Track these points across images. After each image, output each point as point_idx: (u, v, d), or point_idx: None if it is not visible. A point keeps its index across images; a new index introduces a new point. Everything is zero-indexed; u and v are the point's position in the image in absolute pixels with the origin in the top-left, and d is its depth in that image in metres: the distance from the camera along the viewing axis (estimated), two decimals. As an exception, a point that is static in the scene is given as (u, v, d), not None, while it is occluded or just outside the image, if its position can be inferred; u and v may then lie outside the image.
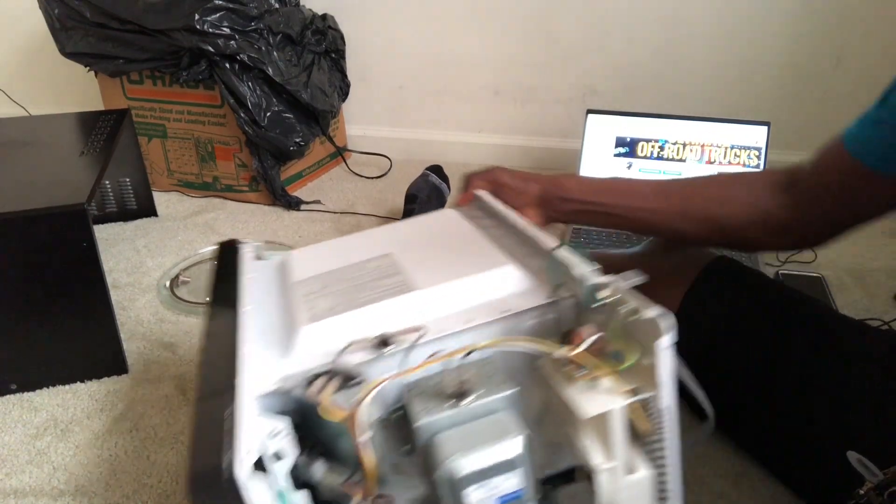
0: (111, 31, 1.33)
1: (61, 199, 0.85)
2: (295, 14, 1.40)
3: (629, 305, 0.41)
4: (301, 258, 0.63)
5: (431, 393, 0.42)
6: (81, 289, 0.88)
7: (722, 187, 0.76)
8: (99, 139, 1.12)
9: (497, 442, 0.38)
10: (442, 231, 0.64)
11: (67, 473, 0.79)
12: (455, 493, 0.38)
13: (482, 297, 0.49)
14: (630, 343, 0.41)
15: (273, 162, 1.41)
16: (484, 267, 0.52)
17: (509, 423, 0.40)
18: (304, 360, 0.45)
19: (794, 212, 0.72)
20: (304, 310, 0.50)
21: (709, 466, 0.78)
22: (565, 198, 0.78)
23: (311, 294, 0.54)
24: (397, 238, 0.64)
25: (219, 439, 0.36)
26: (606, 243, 1.21)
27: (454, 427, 0.40)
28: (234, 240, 0.64)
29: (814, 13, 1.39)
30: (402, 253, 0.59)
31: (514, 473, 0.39)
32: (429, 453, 0.40)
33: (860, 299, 1.09)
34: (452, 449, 0.38)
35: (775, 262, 1.19)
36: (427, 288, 0.50)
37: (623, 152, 1.29)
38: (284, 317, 0.52)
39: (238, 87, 1.31)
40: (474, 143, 1.67)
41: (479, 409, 0.40)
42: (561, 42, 1.53)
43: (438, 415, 0.40)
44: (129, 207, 1.40)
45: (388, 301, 0.49)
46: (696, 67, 1.47)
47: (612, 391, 0.40)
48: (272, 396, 0.42)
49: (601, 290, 0.42)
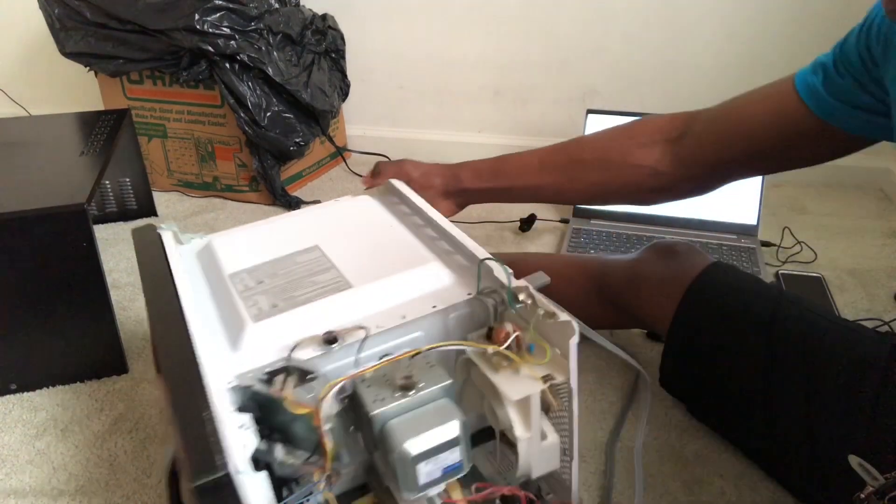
0: (111, 31, 1.33)
1: (61, 199, 0.85)
2: (295, 14, 1.40)
3: (546, 308, 0.50)
4: (224, 245, 0.65)
5: (380, 385, 0.48)
6: (81, 289, 0.88)
7: (603, 150, 0.83)
8: (99, 139, 1.12)
9: (441, 425, 0.46)
10: (364, 221, 0.70)
11: (67, 473, 0.79)
12: (409, 468, 0.45)
13: (411, 293, 0.56)
14: (541, 339, 0.51)
15: (273, 162, 1.41)
16: (411, 264, 0.59)
17: (449, 409, 0.48)
18: (254, 356, 0.50)
19: (679, 166, 0.77)
20: (247, 307, 0.55)
21: (709, 466, 0.78)
22: (464, 189, 0.90)
23: (249, 290, 0.58)
24: (320, 227, 0.68)
25: (206, 440, 0.40)
26: (606, 243, 1.21)
27: (403, 414, 0.47)
28: (151, 224, 0.66)
29: (814, 13, 1.39)
30: (328, 245, 0.64)
31: (455, 449, 0.47)
32: (384, 438, 0.46)
33: (860, 299, 1.09)
34: (406, 434, 0.45)
35: (775, 261, 1.19)
36: (361, 286, 0.57)
37: (623, 152, 1.29)
38: (228, 312, 0.56)
39: (238, 87, 1.31)
40: (474, 143, 1.67)
41: (423, 398, 0.48)
42: (561, 42, 1.53)
43: (390, 405, 0.47)
44: (129, 207, 1.40)
45: (326, 299, 0.55)
46: (696, 67, 1.47)
47: (531, 378, 0.49)
48: (233, 392, 0.46)
49: (521, 294, 0.52)
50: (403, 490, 0.47)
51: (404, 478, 0.46)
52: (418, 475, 0.46)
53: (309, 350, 0.49)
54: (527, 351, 0.50)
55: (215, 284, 0.60)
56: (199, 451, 0.39)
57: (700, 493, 0.75)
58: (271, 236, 0.67)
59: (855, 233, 1.31)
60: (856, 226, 1.34)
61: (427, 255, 0.61)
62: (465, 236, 0.63)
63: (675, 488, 0.75)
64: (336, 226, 0.69)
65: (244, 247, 0.65)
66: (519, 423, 0.50)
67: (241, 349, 0.51)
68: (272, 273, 0.60)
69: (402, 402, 0.47)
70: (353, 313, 0.54)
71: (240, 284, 0.59)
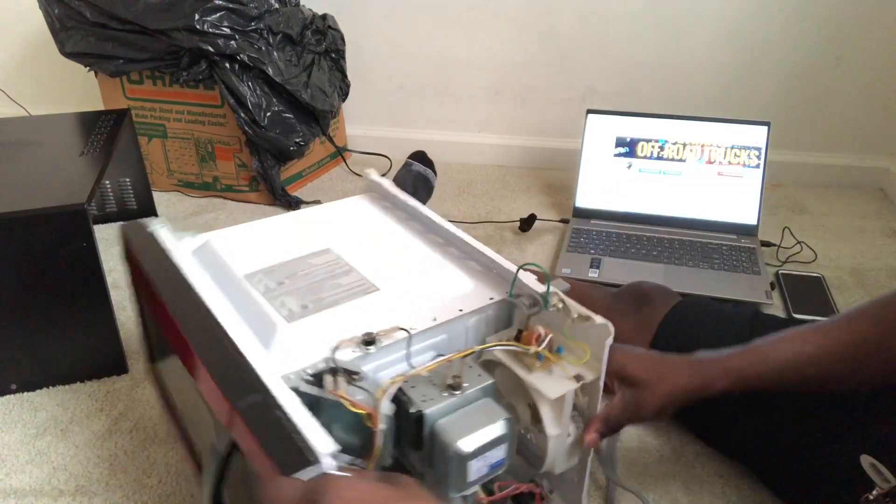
0: (111, 31, 1.33)
1: (61, 199, 0.85)
2: (295, 14, 1.40)
3: (580, 312, 0.52)
4: (226, 245, 0.65)
5: (424, 385, 0.49)
6: (81, 289, 0.88)
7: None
8: (99, 139, 1.12)
9: (490, 424, 0.47)
10: (366, 224, 0.71)
11: (67, 473, 0.79)
12: (462, 466, 0.46)
13: (437, 296, 0.58)
14: (575, 341, 0.53)
15: (273, 162, 1.41)
16: (430, 268, 0.62)
17: (494, 408, 0.49)
18: (287, 356, 0.49)
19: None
20: (275, 307, 0.55)
21: (709, 467, 0.78)
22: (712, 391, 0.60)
23: (272, 291, 0.58)
24: (324, 229, 0.69)
25: (290, 438, 0.40)
26: (606, 243, 1.21)
27: (450, 413, 0.48)
28: (138, 221, 0.66)
29: (814, 13, 1.39)
30: (340, 248, 0.65)
31: (502, 446, 0.48)
32: (434, 436, 0.47)
33: (860, 299, 1.09)
34: (458, 432, 0.46)
35: (775, 261, 1.19)
36: (388, 288, 0.58)
37: (623, 152, 1.29)
38: (253, 312, 0.55)
39: (238, 87, 1.31)
40: (474, 142, 1.67)
41: (468, 397, 0.49)
42: (561, 42, 1.53)
43: (440, 404, 0.47)
44: (129, 207, 1.40)
45: (356, 301, 0.56)
46: (696, 67, 1.47)
47: (564, 377, 0.51)
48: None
49: (553, 299, 0.54)
50: (452, 487, 0.47)
51: (455, 475, 0.47)
52: (469, 472, 0.47)
53: (348, 351, 0.49)
54: (556, 352, 0.52)
55: (227, 284, 0.60)
56: (286, 450, 0.39)
57: (701, 493, 0.75)
58: (274, 237, 0.67)
59: (855, 233, 1.31)
60: (856, 226, 1.34)
61: (443, 261, 0.63)
62: (476, 242, 0.64)
63: (675, 488, 0.75)
64: (341, 228, 0.69)
65: (248, 247, 0.65)
66: (552, 421, 0.51)
67: (274, 349, 0.51)
68: (291, 274, 0.61)
69: (450, 402, 0.48)
70: (384, 315, 0.55)
71: (260, 285, 0.59)
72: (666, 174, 1.27)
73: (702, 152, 1.26)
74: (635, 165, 1.29)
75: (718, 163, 1.25)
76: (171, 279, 0.58)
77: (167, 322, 0.54)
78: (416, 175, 1.29)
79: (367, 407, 0.45)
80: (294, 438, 0.40)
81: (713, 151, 1.25)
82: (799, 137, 1.49)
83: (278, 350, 0.51)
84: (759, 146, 1.23)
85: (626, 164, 1.29)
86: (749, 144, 1.24)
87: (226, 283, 0.60)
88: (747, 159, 1.24)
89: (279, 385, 0.45)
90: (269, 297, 0.57)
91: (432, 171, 1.34)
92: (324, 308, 0.55)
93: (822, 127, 1.48)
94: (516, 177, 1.60)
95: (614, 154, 1.30)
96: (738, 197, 1.24)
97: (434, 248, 0.66)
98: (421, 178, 1.30)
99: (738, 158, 1.24)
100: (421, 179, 1.30)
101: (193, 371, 0.49)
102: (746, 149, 1.24)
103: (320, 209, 0.75)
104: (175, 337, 0.53)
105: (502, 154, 1.66)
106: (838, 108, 1.46)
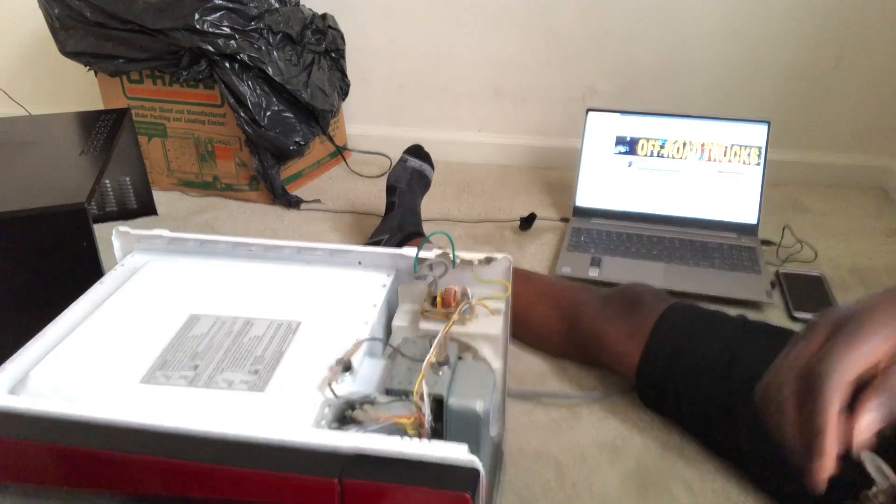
0: (111, 30, 1.33)
1: (61, 199, 0.85)
2: (295, 14, 1.40)
3: (478, 258, 0.60)
4: (55, 382, 0.54)
5: (412, 373, 0.52)
6: (82, 289, 0.88)
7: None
8: (99, 139, 1.12)
9: (487, 379, 0.54)
10: (187, 273, 0.66)
11: (68, 473, 0.78)
12: (486, 422, 0.52)
13: (348, 303, 0.60)
14: (489, 280, 0.61)
15: (273, 161, 1.41)
16: (308, 281, 0.63)
17: (477, 367, 0.55)
18: (298, 419, 0.48)
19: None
20: (221, 389, 0.49)
21: (709, 463, 0.78)
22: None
23: (198, 379, 0.51)
24: (148, 304, 0.62)
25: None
26: (606, 243, 1.21)
27: (454, 384, 0.52)
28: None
29: (814, 13, 1.39)
30: (198, 308, 0.59)
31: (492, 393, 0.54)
32: (451, 408, 0.51)
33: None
34: (472, 397, 0.51)
35: (775, 260, 1.19)
36: (305, 318, 0.58)
37: (623, 151, 1.29)
38: (214, 409, 0.49)
39: (238, 86, 1.31)
40: (474, 142, 1.67)
41: (457, 366, 0.55)
42: (561, 42, 1.53)
43: (446, 381, 0.52)
44: (129, 207, 1.40)
45: (296, 343, 0.55)
46: (696, 67, 1.47)
47: (491, 317, 0.59)
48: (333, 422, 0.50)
49: (422, 263, 0.61)
50: (482, 444, 0.53)
51: (483, 432, 0.52)
52: (490, 426, 0.54)
53: (340, 385, 0.50)
54: (471, 299, 0.60)
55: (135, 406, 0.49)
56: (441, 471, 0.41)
57: (701, 491, 0.75)
58: (111, 339, 0.59)
59: (855, 232, 1.31)
60: (856, 225, 1.34)
61: (312, 269, 0.64)
62: (299, 242, 0.65)
63: (676, 488, 0.75)
64: (169, 291, 0.63)
65: (93, 362, 0.55)
66: (493, 356, 0.58)
67: (276, 420, 0.47)
68: (191, 354, 0.53)
69: (449, 375, 0.53)
70: (328, 341, 0.54)
71: (176, 380, 0.51)
72: (666, 173, 1.27)
73: (702, 151, 1.26)
74: (635, 164, 1.29)
75: (718, 161, 1.25)
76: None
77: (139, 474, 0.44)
78: (411, 171, 1.28)
79: (411, 415, 0.48)
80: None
81: (713, 150, 1.25)
82: (799, 136, 1.49)
83: (281, 419, 0.47)
84: (760, 145, 1.23)
85: (627, 162, 1.29)
86: (749, 143, 1.24)
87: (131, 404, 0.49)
88: (747, 158, 1.24)
89: (349, 439, 0.43)
90: (204, 385, 0.49)
91: (429, 165, 1.32)
92: (277, 365, 0.51)
93: (823, 126, 1.48)
94: (516, 176, 1.59)
95: (614, 153, 1.30)
96: (739, 196, 1.24)
97: (289, 264, 0.65)
98: (417, 174, 1.29)
99: (738, 157, 1.24)
100: (417, 175, 1.29)
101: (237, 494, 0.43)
102: (747, 147, 1.24)
103: (117, 295, 0.66)
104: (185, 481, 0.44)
105: (502, 153, 1.66)
106: (839, 107, 1.46)
